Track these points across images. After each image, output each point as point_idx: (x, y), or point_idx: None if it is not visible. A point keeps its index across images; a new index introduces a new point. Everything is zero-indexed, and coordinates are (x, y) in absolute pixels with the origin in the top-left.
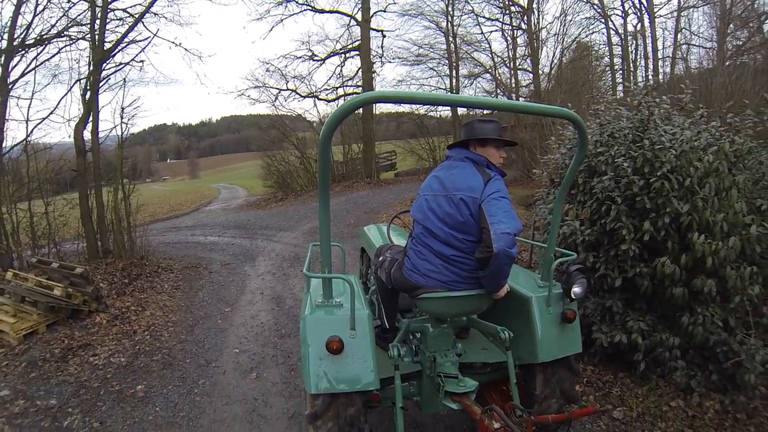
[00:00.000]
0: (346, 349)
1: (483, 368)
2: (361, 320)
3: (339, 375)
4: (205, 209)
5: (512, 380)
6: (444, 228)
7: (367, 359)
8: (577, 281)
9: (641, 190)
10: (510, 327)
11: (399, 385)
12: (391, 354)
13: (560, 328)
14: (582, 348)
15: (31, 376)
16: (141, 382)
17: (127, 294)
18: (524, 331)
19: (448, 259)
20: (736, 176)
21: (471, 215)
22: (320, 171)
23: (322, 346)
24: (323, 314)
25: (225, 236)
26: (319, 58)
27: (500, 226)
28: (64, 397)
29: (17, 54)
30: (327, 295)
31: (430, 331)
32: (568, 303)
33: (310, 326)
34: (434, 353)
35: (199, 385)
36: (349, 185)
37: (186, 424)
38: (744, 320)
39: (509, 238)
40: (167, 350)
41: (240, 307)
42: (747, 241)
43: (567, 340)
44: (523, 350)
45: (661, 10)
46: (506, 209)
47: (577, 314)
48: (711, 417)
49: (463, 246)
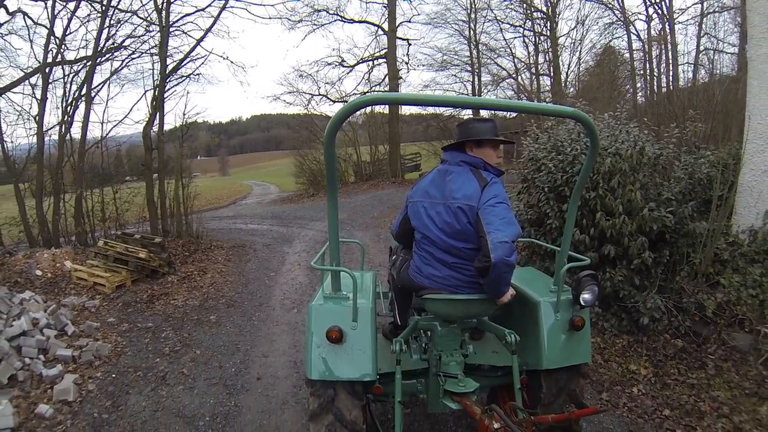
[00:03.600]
0: (347, 340)
1: (492, 371)
2: (364, 313)
3: (338, 364)
4: (241, 203)
5: (516, 384)
6: (443, 237)
7: (367, 351)
8: (586, 288)
9: (564, 182)
10: (518, 331)
11: (399, 380)
12: (393, 348)
13: (568, 335)
14: (590, 358)
15: (129, 311)
16: (212, 314)
17: (189, 263)
18: (531, 335)
19: (450, 265)
20: (637, 174)
21: (469, 223)
22: (327, 169)
23: (323, 335)
24: (329, 305)
25: (263, 224)
26: (348, 65)
27: (497, 234)
28: (157, 322)
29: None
30: (336, 288)
31: (438, 329)
32: (578, 310)
33: (315, 315)
34: (441, 352)
35: (256, 316)
36: (375, 183)
37: (249, 335)
38: (649, 279)
39: (507, 247)
40: (229, 297)
41: (282, 273)
42: (643, 221)
43: (574, 348)
44: (530, 355)
45: (682, 16)
46: (503, 215)
47: (587, 322)
48: (617, 349)
49: (463, 253)
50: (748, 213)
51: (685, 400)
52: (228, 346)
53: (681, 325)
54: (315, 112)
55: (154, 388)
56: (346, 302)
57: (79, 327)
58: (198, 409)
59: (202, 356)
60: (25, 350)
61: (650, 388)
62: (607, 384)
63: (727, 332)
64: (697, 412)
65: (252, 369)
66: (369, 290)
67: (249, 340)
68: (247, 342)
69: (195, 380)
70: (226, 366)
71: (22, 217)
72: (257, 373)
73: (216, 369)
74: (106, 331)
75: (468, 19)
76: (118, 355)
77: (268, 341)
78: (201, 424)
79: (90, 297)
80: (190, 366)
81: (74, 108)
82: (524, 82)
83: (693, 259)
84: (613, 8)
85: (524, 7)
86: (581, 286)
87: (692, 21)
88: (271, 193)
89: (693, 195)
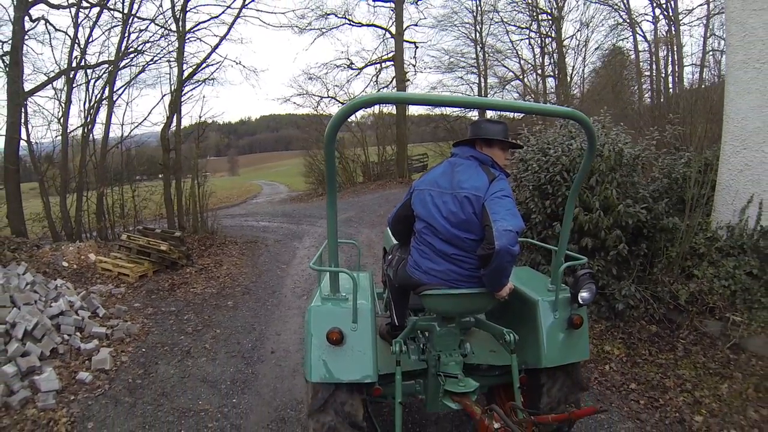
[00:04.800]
0: (347, 341)
1: (490, 371)
2: (364, 314)
3: (338, 366)
4: (252, 202)
5: (515, 383)
6: (447, 226)
7: (367, 352)
8: (584, 286)
9: (547, 181)
10: (516, 330)
11: (399, 380)
12: (393, 349)
13: (566, 333)
14: (588, 355)
15: (152, 297)
16: (229, 300)
17: (205, 256)
18: (530, 334)
19: (450, 257)
20: (614, 174)
21: (474, 213)
22: (327, 169)
23: (323, 337)
24: (328, 306)
25: (274, 222)
26: (356, 67)
27: (503, 223)
28: (179, 307)
29: (122, 66)
30: (334, 289)
31: (437, 329)
32: (576, 308)
33: (314, 317)
34: (440, 352)
35: (269, 302)
36: (382, 183)
37: (263, 317)
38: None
39: (512, 236)
40: (244, 286)
41: (293, 266)
42: (619, 216)
43: (573, 346)
44: (529, 354)
45: (689, 17)
46: (509, 207)
47: (585, 320)
48: (595, 333)
49: (465, 245)
50: (726, 210)
51: (652, 377)
52: (245, 326)
53: (656, 313)
54: (324, 113)
55: (180, 359)
56: (345, 303)
57: (109, 310)
58: (220, 376)
59: (222, 334)
60: (64, 328)
61: (621, 366)
62: (581, 362)
63: (699, 319)
64: (661, 387)
65: (266, 344)
66: (367, 291)
67: (263, 321)
68: (262, 323)
69: (216, 353)
70: (244, 342)
71: (46, 213)
72: (271, 347)
73: (235, 344)
74: (134, 314)
75: (474, 22)
76: (146, 334)
77: (281, 322)
78: (223, 387)
79: (115, 285)
80: (211, 342)
81: (96, 111)
82: (530, 84)
83: (670, 252)
84: (618, 9)
85: (530, 9)
86: (579, 284)
87: (698, 22)
88: (281, 193)
89: (670, 193)
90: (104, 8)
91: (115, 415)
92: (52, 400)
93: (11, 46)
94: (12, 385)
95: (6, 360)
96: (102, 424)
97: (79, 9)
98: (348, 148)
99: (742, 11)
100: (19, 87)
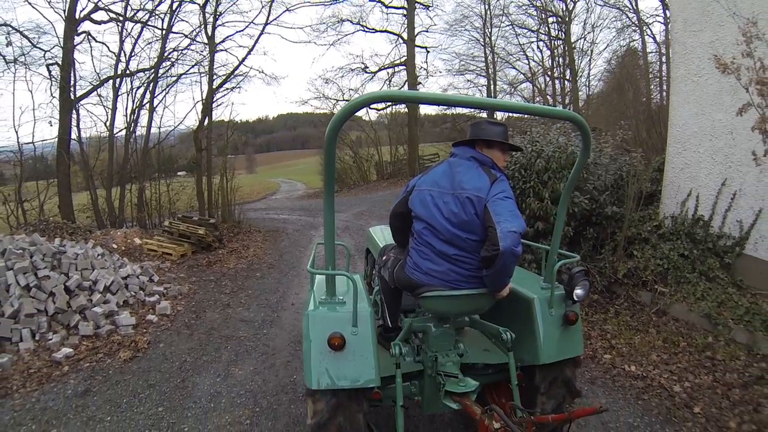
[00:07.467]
0: (348, 346)
1: (485, 369)
2: (364, 317)
3: (340, 372)
4: (271, 198)
5: (513, 381)
6: (448, 226)
7: (369, 356)
8: (579, 283)
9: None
10: (512, 328)
11: (400, 383)
12: (393, 352)
13: (562, 330)
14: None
15: (194, 270)
16: (257, 272)
17: (234, 241)
18: (526, 332)
19: (450, 258)
20: (564, 171)
21: (476, 214)
22: (325, 169)
23: (323, 343)
24: (326, 311)
25: (293, 215)
26: (370, 71)
27: (506, 224)
28: (217, 277)
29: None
30: (330, 292)
31: (433, 330)
32: (570, 305)
33: (312, 322)
34: (436, 353)
35: (291, 274)
36: (394, 182)
37: (285, 284)
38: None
39: (515, 237)
40: (269, 263)
41: (310, 249)
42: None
43: (568, 342)
44: (525, 352)
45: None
46: (511, 209)
47: (579, 316)
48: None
49: (465, 245)
50: (671, 203)
51: None
52: (270, 289)
53: (599, 284)
54: None
55: (222, 309)
56: (343, 307)
57: (161, 278)
58: (253, 318)
59: (253, 294)
60: (131, 287)
61: None
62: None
63: (635, 291)
64: (585, 336)
65: (288, 300)
66: (363, 293)
67: (285, 286)
68: (284, 287)
69: (249, 305)
70: (270, 299)
71: (93, 203)
72: (291, 302)
73: (263, 300)
74: (181, 281)
75: (483, 26)
76: (193, 293)
77: (300, 287)
78: (256, 323)
79: (161, 262)
80: (245, 299)
81: (137, 115)
82: (540, 86)
83: (617, 236)
84: (626, 11)
85: (539, 12)
86: (574, 281)
87: None
88: (299, 190)
89: (615, 188)
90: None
91: (178, 340)
92: (131, 331)
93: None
94: (98, 322)
95: (92, 305)
96: (170, 345)
97: (123, 26)
98: (362, 148)
99: (684, 32)
100: (68, 94)
